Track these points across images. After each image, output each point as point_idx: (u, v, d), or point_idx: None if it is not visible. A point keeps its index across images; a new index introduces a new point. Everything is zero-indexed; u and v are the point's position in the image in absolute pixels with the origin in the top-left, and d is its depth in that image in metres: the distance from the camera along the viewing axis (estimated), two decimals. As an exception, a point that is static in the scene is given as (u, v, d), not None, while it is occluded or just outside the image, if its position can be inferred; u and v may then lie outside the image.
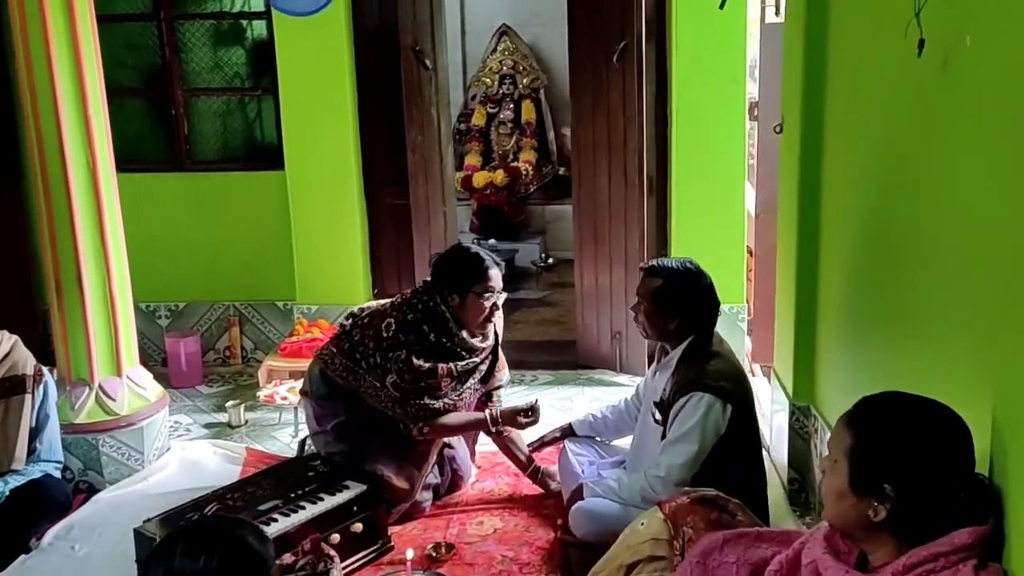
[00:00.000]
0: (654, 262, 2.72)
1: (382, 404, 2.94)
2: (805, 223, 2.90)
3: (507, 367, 3.27)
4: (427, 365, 2.87)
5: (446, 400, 2.97)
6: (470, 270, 2.93)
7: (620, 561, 2.01)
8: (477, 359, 3.03)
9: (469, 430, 3.14)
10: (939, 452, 1.37)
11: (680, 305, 2.62)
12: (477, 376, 3.06)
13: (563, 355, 4.71)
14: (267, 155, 4.71)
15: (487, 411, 3.05)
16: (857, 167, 2.46)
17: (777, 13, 3.75)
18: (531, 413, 3.01)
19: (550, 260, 6.73)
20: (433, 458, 3.06)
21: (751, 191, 4.34)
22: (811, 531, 1.68)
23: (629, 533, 2.00)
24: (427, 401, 2.91)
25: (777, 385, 3.25)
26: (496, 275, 2.96)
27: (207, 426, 4.04)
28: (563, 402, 4.19)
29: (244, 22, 4.66)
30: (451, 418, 3.01)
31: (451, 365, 2.94)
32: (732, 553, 1.68)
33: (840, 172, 2.66)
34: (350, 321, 3.09)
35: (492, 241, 6.67)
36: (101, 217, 3.21)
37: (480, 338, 3.03)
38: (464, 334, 2.97)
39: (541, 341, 5.12)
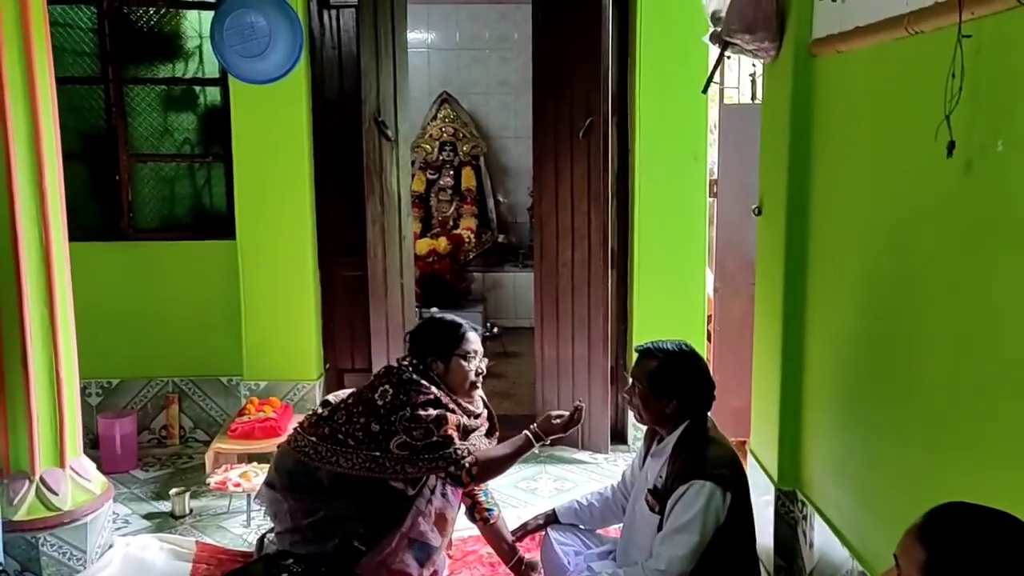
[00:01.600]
0: (649, 344, 2.66)
1: (393, 474, 2.78)
2: (790, 301, 2.90)
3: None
4: (435, 412, 2.77)
5: (457, 447, 2.81)
6: (449, 334, 2.92)
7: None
8: (478, 422, 2.96)
9: (519, 456, 2.91)
10: (1020, 568, 1.34)
11: (677, 388, 2.57)
12: (480, 433, 2.96)
13: (520, 431, 4.57)
14: (216, 223, 4.58)
15: (529, 429, 2.93)
16: (854, 248, 2.48)
17: (753, 98, 3.84)
18: (578, 417, 2.89)
19: (495, 329, 6.69)
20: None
21: (710, 273, 4.39)
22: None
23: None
24: (444, 452, 2.76)
25: (756, 466, 3.20)
26: (475, 338, 2.95)
27: (147, 516, 3.78)
28: (526, 482, 4.11)
29: (197, 88, 4.52)
30: (495, 450, 2.88)
31: (457, 418, 2.84)
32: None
33: (831, 251, 2.67)
34: (326, 408, 2.94)
35: (435, 310, 6.52)
36: (52, 294, 2.98)
37: (474, 405, 2.97)
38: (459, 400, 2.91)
39: (497, 417, 5.00)
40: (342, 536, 2.84)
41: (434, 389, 2.84)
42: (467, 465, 2.76)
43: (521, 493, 3.99)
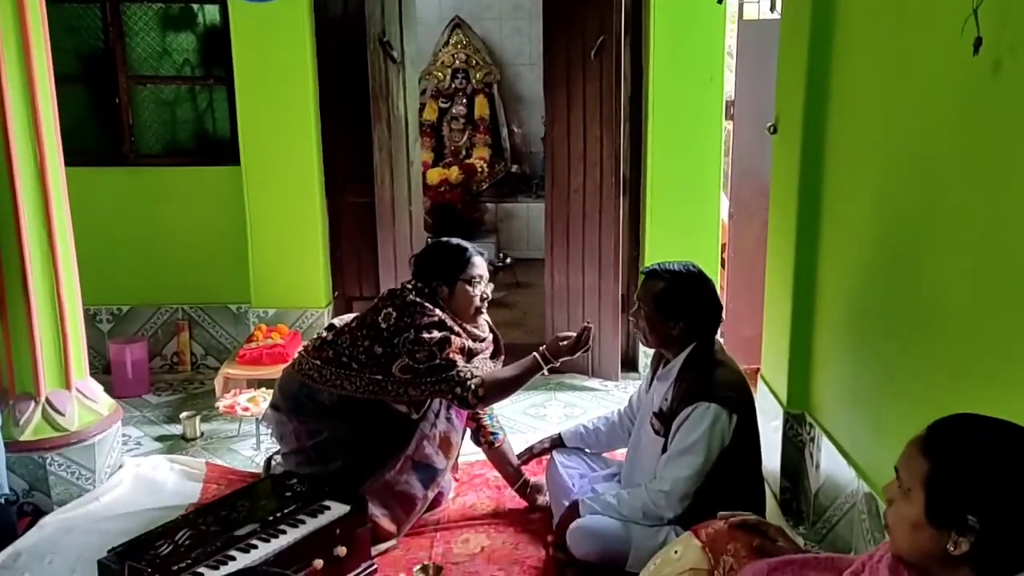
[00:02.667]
0: (655, 265, 2.62)
1: (396, 396, 2.78)
2: (804, 222, 2.84)
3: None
4: (439, 335, 2.75)
5: (460, 369, 2.78)
6: (455, 259, 2.89)
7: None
8: (483, 346, 2.94)
9: (527, 378, 2.87)
10: (1027, 478, 1.29)
11: (684, 310, 2.54)
12: (485, 356, 2.95)
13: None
14: (219, 149, 4.50)
15: (537, 351, 2.88)
16: (872, 164, 2.40)
17: (772, 9, 3.68)
18: (585, 337, 2.83)
19: (507, 259, 6.65)
20: (425, 504, 2.93)
21: (725, 199, 4.32)
22: (861, 558, 1.59)
23: (662, 562, 1.88)
24: (447, 374, 2.75)
25: (766, 391, 3.20)
26: (481, 262, 2.92)
27: (159, 439, 3.81)
28: (535, 409, 4.11)
29: (195, 6, 4.41)
30: (501, 372, 2.85)
31: (462, 340, 2.82)
32: (778, 582, 1.59)
33: (848, 169, 2.60)
34: (331, 332, 2.93)
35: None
36: (49, 216, 2.95)
37: (479, 329, 2.95)
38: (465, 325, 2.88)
39: (506, 345, 5.00)
40: (345, 458, 2.87)
41: (438, 312, 2.81)
42: (473, 387, 2.74)
43: (530, 419, 3.99)
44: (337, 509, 2.61)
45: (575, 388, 4.33)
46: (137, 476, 3.32)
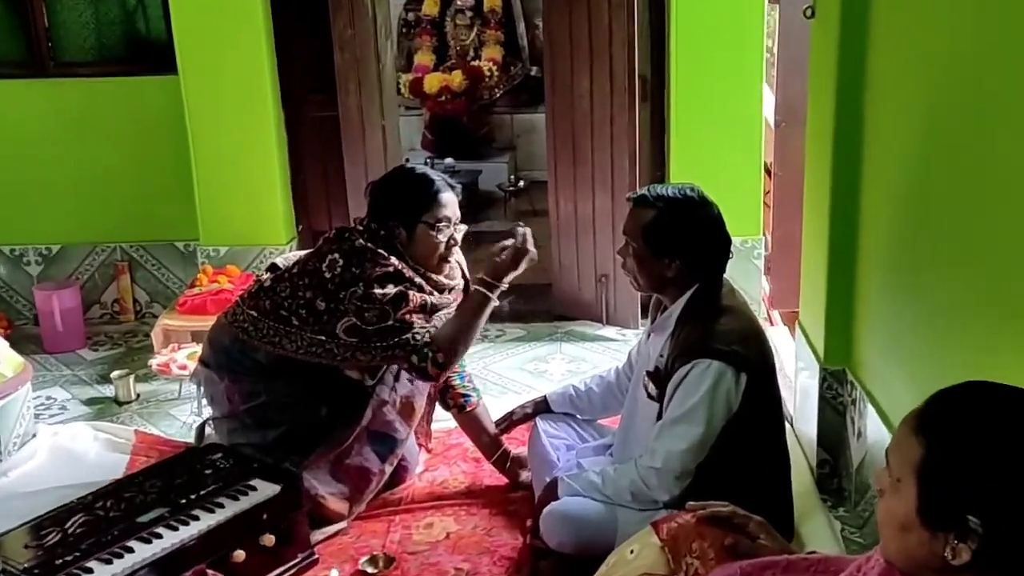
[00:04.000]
0: (644, 191, 2.52)
1: (342, 361, 2.75)
2: (843, 133, 2.72)
3: None
4: (393, 290, 2.69)
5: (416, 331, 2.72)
6: (417, 195, 2.81)
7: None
8: (450, 298, 2.88)
9: (480, 319, 2.75)
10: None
11: (680, 244, 2.43)
12: (450, 311, 2.88)
13: (536, 303, 4.59)
14: (153, 54, 4.47)
15: (477, 282, 2.79)
16: (926, 58, 2.25)
17: None
18: (522, 242, 2.74)
19: (520, 183, 6.59)
20: (382, 480, 2.90)
21: (769, 94, 4.19)
22: (857, 560, 1.48)
23: (616, 562, 1.81)
24: (401, 338, 2.69)
25: (803, 342, 3.12)
26: (451, 200, 2.83)
27: (89, 402, 3.84)
28: (534, 365, 4.07)
29: None
30: (449, 326, 2.75)
31: (423, 296, 2.76)
32: (753, 591, 1.50)
33: (897, 66, 2.45)
34: (270, 275, 2.89)
35: (449, 161, 6.51)
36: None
37: (447, 275, 2.89)
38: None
39: (519, 287, 4.94)
40: (287, 425, 2.84)
41: (393, 260, 2.75)
42: (430, 354, 2.69)
43: (527, 377, 3.94)
44: (265, 489, 2.56)
45: (585, 338, 4.28)
46: (54, 447, 3.33)
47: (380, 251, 2.74)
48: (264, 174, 4.37)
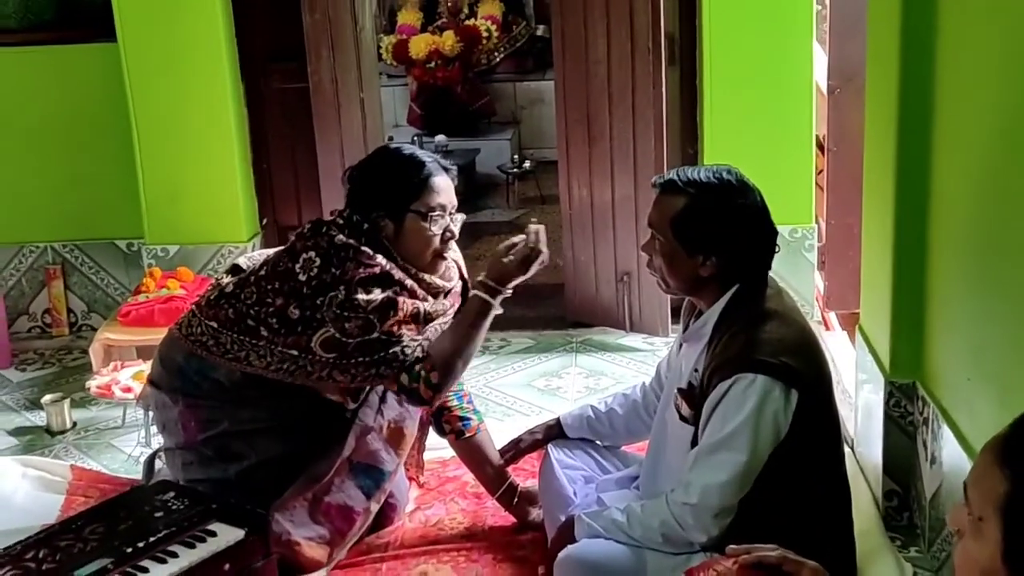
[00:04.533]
0: (672, 174, 2.53)
1: (319, 380, 2.76)
2: (910, 99, 2.75)
3: None
4: (380, 296, 2.71)
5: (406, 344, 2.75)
6: (405, 180, 2.83)
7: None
8: (446, 304, 2.91)
9: (480, 330, 2.78)
10: None
11: (716, 238, 2.44)
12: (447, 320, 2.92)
13: (547, 307, 4.67)
14: (89, 19, 4.49)
15: (478, 287, 2.79)
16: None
17: None
18: (534, 242, 2.75)
19: (526, 164, 6.64)
20: (368, 520, 2.92)
21: (821, 55, 4.23)
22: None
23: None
24: (386, 354, 2.71)
25: (865, 350, 3.15)
26: (445, 185, 2.86)
27: (16, 432, 3.89)
28: (545, 381, 4.11)
29: None
30: (445, 338, 2.78)
31: (415, 302, 2.78)
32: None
33: (977, 14, 2.47)
34: (232, 279, 2.91)
35: (441, 138, 6.64)
36: None
37: (443, 275, 2.93)
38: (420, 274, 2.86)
39: (527, 288, 4.97)
40: (254, 458, 2.86)
41: (380, 259, 2.77)
42: (423, 373, 2.71)
43: (538, 395, 4.00)
44: (226, 535, 2.56)
45: (606, 348, 4.33)
46: (-27, 488, 3.37)
47: (364, 248, 2.76)
48: (221, 159, 4.42)
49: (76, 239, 4.62)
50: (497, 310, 2.79)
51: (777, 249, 2.52)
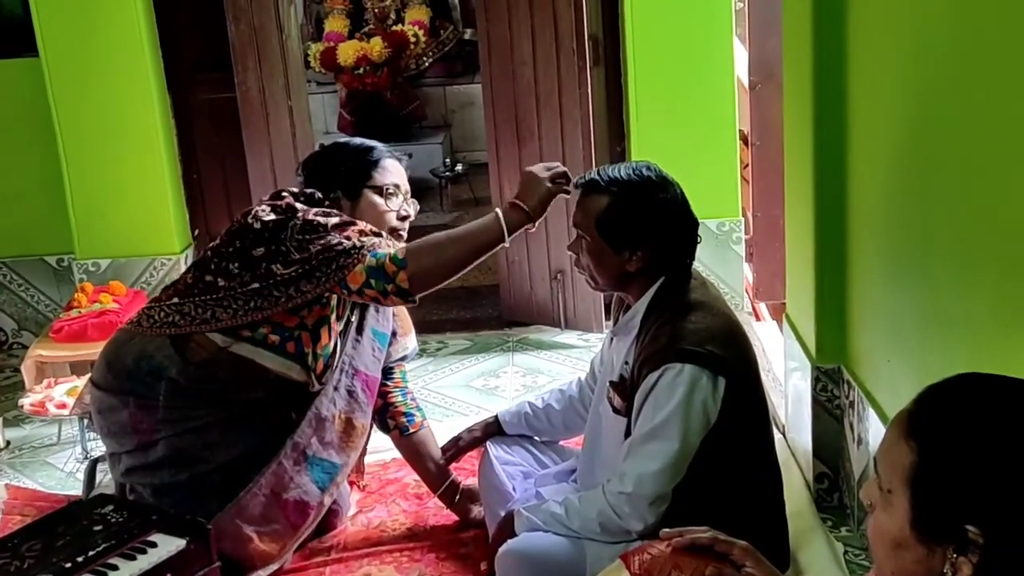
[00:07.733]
0: (593, 174, 2.55)
1: (286, 301, 2.73)
2: (825, 92, 2.79)
3: (413, 331, 3.21)
4: (337, 218, 2.73)
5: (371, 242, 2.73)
6: (358, 162, 2.93)
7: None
8: None
9: (478, 243, 2.71)
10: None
11: (640, 233, 2.47)
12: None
13: (482, 308, 4.71)
14: (8, 33, 4.46)
15: (499, 209, 2.74)
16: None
17: None
18: (562, 174, 2.74)
19: (458, 167, 6.65)
20: (320, 514, 2.94)
21: (742, 51, 4.29)
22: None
23: (580, 602, 1.84)
24: (346, 248, 2.68)
25: (793, 337, 3.19)
26: (396, 167, 2.97)
27: (-51, 453, 3.84)
28: (483, 381, 4.14)
29: None
30: (430, 239, 2.73)
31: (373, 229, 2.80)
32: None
33: (886, 8, 2.52)
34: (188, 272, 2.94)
35: None
36: None
37: None
38: None
39: (459, 290, 5.00)
40: (209, 459, 2.83)
41: (336, 211, 2.82)
42: (391, 269, 2.64)
43: (476, 395, 4.01)
44: (167, 545, 2.56)
45: (541, 347, 4.35)
46: (-95, 510, 3.32)
47: (318, 205, 2.81)
48: (150, 171, 4.40)
49: (4, 257, 4.60)
50: (506, 244, 2.74)
51: (699, 240, 2.56)
